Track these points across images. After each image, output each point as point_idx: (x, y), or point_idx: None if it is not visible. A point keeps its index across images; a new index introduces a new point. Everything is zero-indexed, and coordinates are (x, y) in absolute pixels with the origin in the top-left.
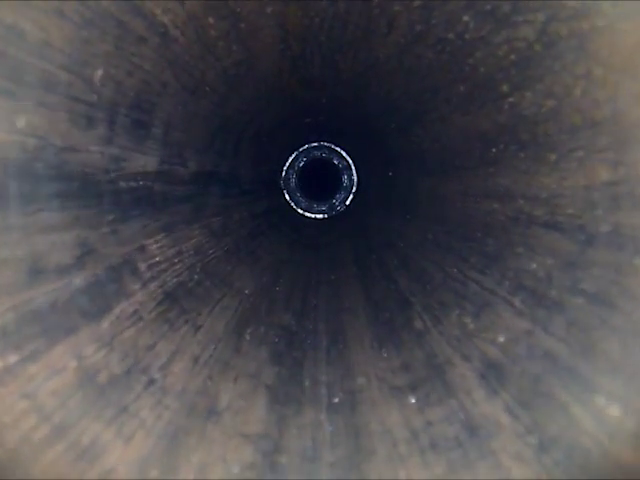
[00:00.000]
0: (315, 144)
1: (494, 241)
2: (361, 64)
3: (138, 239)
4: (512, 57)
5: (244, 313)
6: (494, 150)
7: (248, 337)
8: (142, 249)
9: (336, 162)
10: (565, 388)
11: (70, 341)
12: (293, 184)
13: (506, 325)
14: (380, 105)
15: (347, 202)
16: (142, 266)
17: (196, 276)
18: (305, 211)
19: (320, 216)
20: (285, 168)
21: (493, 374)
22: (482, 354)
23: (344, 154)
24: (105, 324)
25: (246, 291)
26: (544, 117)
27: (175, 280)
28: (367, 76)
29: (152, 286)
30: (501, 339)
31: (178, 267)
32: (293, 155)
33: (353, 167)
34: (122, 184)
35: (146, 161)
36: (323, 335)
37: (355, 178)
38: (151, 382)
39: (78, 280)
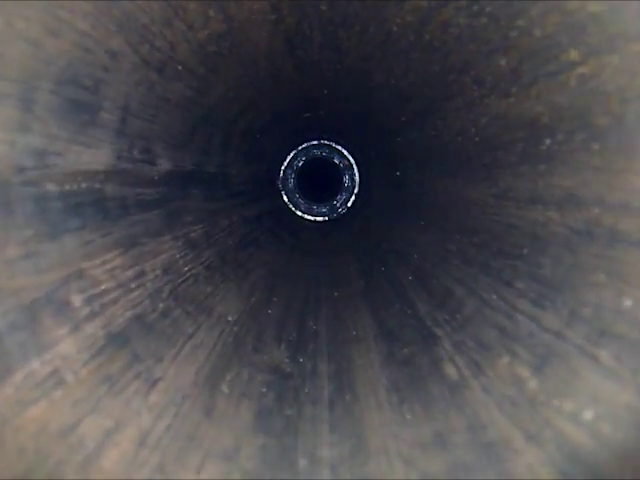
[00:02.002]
0: (315, 142)
1: (552, 262)
2: (369, 42)
3: (73, 262)
4: (590, 9)
5: (224, 351)
6: (548, 141)
7: (226, 389)
8: (79, 275)
9: (337, 161)
10: None
11: None
12: (292, 185)
13: (592, 391)
14: (389, 94)
15: (349, 204)
16: (76, 300)
17: (162, 304)
18: (304, 213)
19: (320, 218)
20: (283, 168)
21: (580, 470)
22: (558, 436)
23: (345, 153)
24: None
25: (229, 318)
26: (636, 92)
27: (129, 314)
28: (375, 58)
29: (89, 328)
30: (588, 415)
31: (136, 295)
32: (292, 154)
33: (355, 167)
34: (50, 187)
35: (92, 156)
36: (325, 379)
37: (357, 178)
38: None
39: None
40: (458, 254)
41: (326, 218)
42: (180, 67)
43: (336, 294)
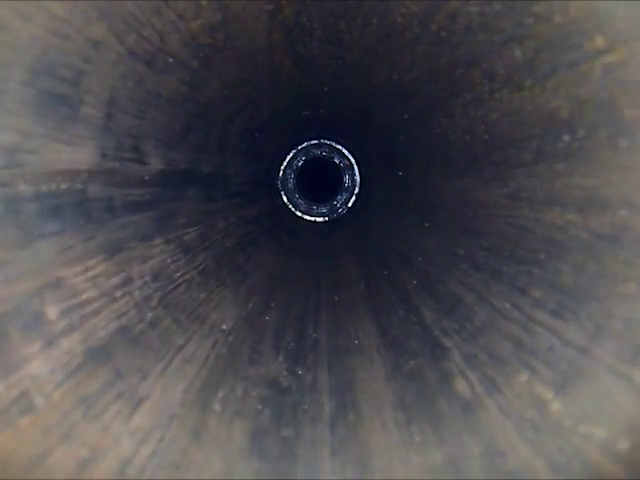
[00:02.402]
0: (315, 141)
1: (574, 270)
2: (372, 35)
3: (49, 270)
4: None
5: (217, 364)
6: (567, 138)
7: (218, 407)
8: (56, 284)
9: (337, 161)
10: None
11: None
12: (291, 185)
13: (627, 417)
14: (392, 90)
15: (349, 204)
16: (52, 312)
17: (150, 314)
18: (304, 214)
19: (320, 219)
20: (283, 167)
21: None
22: (590, 468)
23: (346, 152)
24: None
25: (224, 326)
26: None
27: (112, 326)
28: (378, 52)
29: (66, 343)
30: (623, 445)
31: (121, 304)
32: (291, 154)
33: (355, 166)
34: (23, 188)
35: (73, 154)
36: (325, 394)
37: (358, 178)
38: None
39: None
40: (466, 258)
41: (326, 219)
42: (171, 59)
43: (336, 298)
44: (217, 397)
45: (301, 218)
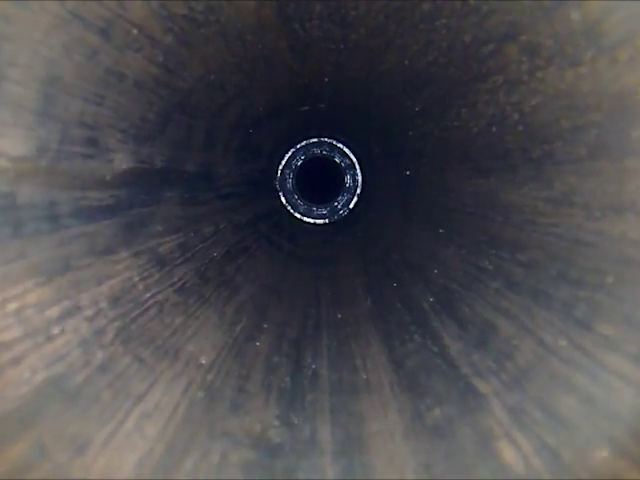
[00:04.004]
0: (315, 140)
1: None
2: (381, 11)
3: None
4: None
5: (189, 415)
6: None
7: None
8: None
9: (337, 160)
10: None
11: None
12: (290, 185)
13: None
14: (402, 78)
15: (350, 205)
16: None
17: (101, 354)
18: (304, 215)
19: (320, 221)
20: (281, 167)
21: None
22: None
23: (347, 151)
24: None
25: (202, 360)
26: None
27: (39, 378)
28: (387, 32)
29: None
30: None
31: (57, 345)
32: (290, 153)
33: (357, 165)
34: None
35: None
36: (327, 455)
37: (360, 178)
38: None
39: None
40: (497, 274)
41: (326, 221)
42: (135, 31)
43: (339, 316)
44: (184, 468)
45: (300, 220)
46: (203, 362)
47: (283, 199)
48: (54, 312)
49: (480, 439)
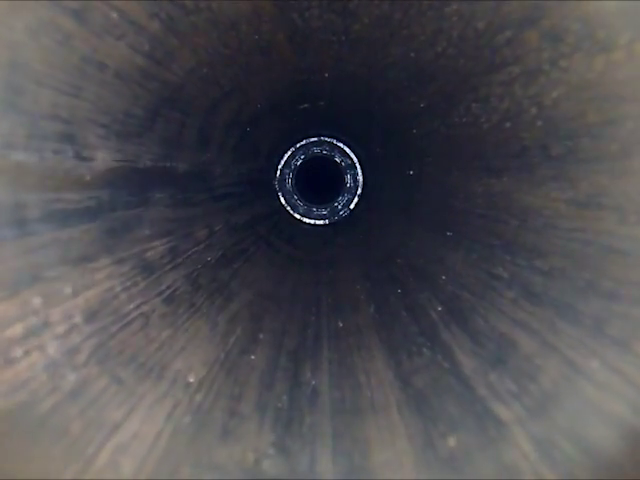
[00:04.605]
0: (314, 139)
1: None
2: None
3: None
4: None
5: (173, 445)
6: None
7: None
8: None
9: (338, 160)
10: None
11: None
12: (289, 185)
13: None
14: (407, 72)
15: (351, 206)
16: None
17: (73, 376)
18: (303, 216)
19: (320, 222)
20: (280, 167)
21: None
22: None
23: (347, 150)
24: None
25: (191, 378)
26: None
27: (2, 407)
28: (392, 21)
29: None
30: None
31: (19, 370)
32: (289, 152)
33: (358, 165)
34: None
35: None
36: None
37: (360, 178)
38: None
39: None
40: (513, 283)
41: (326, 221)
42: (115, 15)
43: (341, 324)
44: None
45: (300, 221)
46: (191, 380)
47: (282, 199)
48: (17, 330)
49: (503, 475)
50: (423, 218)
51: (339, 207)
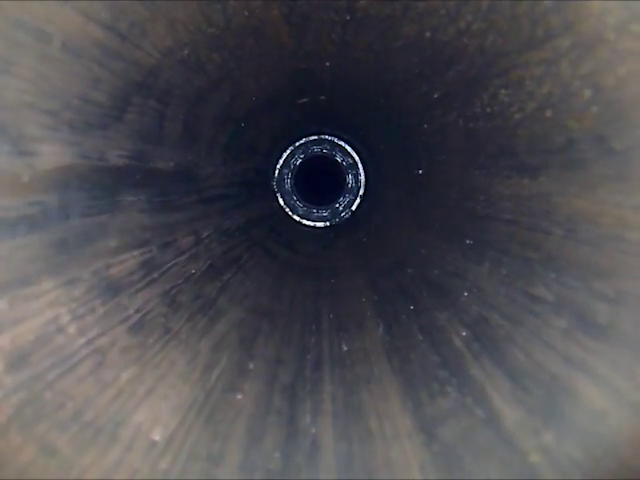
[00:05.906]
0: (314, 137)
1: None
2: None
3: None
4: None
5: None
6: None
7: None
8: None
9: (339, 159)
10: None
11: None
12: (288, 186)
13: None
14: (421, 57)
15: (353, 207)
16: None
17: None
18: (302, 218)
19: (321, 224)
20: (279, 167)
21: None
22: None
23: (349, 149)
24: None
25: (155, 436)
26: None
27: None
28: (402, 5)
29: None
30: None
31: None
32: (288, 151)
33: (360, 165)
34: None
35: None
36: None
37: (362, 178)
38: None
39: None
40: (562, 309)
41: (327, 223)
42: None
43: (345, 348)
44: None
45: (299, 223)
46: (156, 439)
47: (281, 200)
48: None
49: None
50: (435, 222)
51: (340, 208)
